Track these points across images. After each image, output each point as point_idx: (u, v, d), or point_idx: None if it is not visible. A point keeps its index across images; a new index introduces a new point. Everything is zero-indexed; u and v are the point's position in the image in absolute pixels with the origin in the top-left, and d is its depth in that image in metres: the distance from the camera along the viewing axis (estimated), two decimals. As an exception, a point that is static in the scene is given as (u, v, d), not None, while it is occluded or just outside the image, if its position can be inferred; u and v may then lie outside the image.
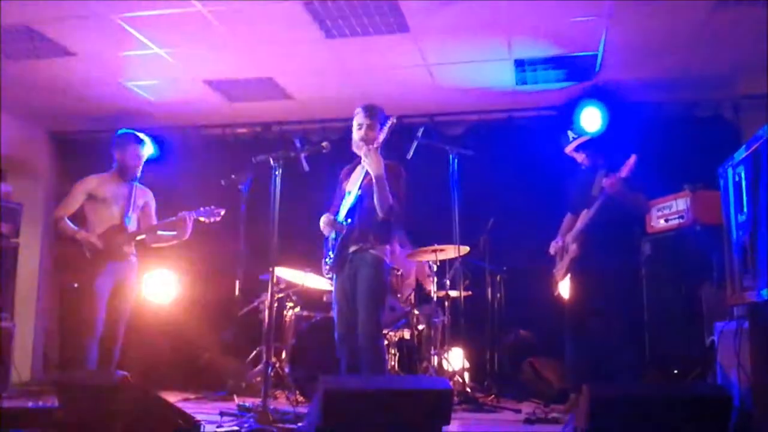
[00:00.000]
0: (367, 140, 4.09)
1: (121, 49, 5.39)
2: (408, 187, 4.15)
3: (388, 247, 4.10)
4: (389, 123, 4.04)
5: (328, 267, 4.16)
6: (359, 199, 4.04)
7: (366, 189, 4.03)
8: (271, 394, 4.92)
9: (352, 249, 4.03)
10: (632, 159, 4.33)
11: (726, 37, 5.09)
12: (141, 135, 4.90)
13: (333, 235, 4.14)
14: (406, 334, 5.54)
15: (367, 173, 4.03)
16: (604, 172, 4.47)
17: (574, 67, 5.68)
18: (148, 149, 4.95)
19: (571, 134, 4.88)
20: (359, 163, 4.20)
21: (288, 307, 5.78)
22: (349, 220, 4.02)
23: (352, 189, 4.12)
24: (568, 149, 4.85)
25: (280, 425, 3.62)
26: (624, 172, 4.32)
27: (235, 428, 3.56)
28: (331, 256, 4.11)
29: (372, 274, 3.96)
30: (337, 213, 4.18)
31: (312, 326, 5.33)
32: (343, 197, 4.22)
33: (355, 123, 4.19)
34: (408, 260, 5.94)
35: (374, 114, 4.14)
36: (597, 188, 4.49)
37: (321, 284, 5.72)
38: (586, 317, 4.55)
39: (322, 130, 6.95)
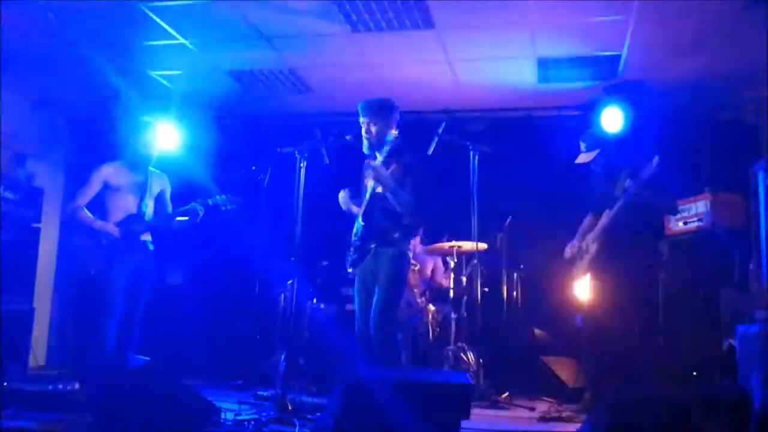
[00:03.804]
0: (372, 138, 4.09)
1: (146, 38, 5.41)
2: (428, 179, 4.13)
3: (410, 242, 4.11)
4: (393, 131, 4.03)
5: (350, 261, 4.18)
6: (379, 198, 4.04)
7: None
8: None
9: (374, 244, 4.05)
10: (655, 160, 4.32)
11: (751, 39, 5.06)
12: (156, 123, 4.93)
13: (354, 230, 4.16)
14: (421, 330, 5.56)
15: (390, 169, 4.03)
16: (627, 172, 4.47)
17: (598, 67, 5.66)
18: (164, 138, 4.97)
19: (582, 145, 4.86)
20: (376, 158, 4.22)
21: (304, 298, 5.80)
22: (363, 223, 4.04)
23: (370, 187, 4.12)
24: (579, 161, 4.83)
25: (299, 415, 3.64)
26: (647, 173, 4.31)
27: (255, 416, 3.59)
28: (352, 251, 4.13)
29: (393, 268, 3.99)
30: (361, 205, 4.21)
31: (329, 318, 5.36)
32: (365, 192, 4.23)
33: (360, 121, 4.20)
34: (425, 255, 5.95)
35: (374, 111, 4.12)
36: (619, 189, 4.48)
37: (339, 276, 5.74)
38: (604, 317, 4.54)
39: (341, 123, 6.95)
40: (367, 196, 4.08)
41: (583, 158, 4.76)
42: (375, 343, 3.95)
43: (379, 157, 4.18)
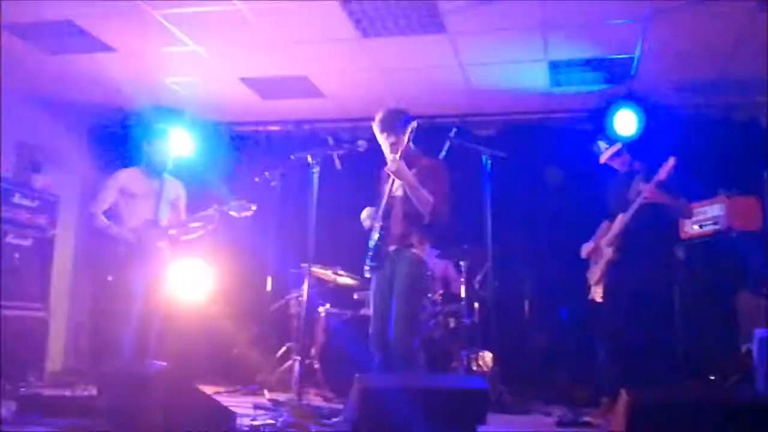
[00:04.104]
0: (392, 151, 4.09)
1: (160, 45, 5.45)
2: (448, 181, 4.12)
3: (428, 247, 4.10)
4: (410, 128, 3.99)
5: (367, 265, 4.18)
6: (398, 200, 4.03)
7: (406, 191, 4.04)
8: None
9: (392, 248, 4.05)
10: (671, 162, 4.30)
11: (764, 41, 5.04)
12: (170, 130, 4.96)
13: (375, 235, 4.16)
14: (435, 334, 5.55)
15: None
16: (641, 176, 4.45)
17: (610, 70, 5.65)
18: (177, 145, 5.00)
19: (602, 144, 4.84)
20: None
21: (318, 303, 5.82)
22: (381, 225, 4.03)
23: (390, 190, 4.12)
24: (602, 159, 4.82)
25: (315, 420, 3.65)
26: (662, 174, 4.30)
27: (270, 421, 3.60)
28: (370, 255, 4.13)
29: (411, 273, 3.97)
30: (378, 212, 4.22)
31: (342, 323, 5.36)
32: (384, 197, 4.23)
33: (376, 133, 4.17)
34: (437, 259, 5.95)
35: (393, 125, 4.06)
36: (634, 192, 4.47)
37: (351, 282, 5.75)
38: (620, 321, 4.52)
39: (352, 129, 6.98)
40: (385, 198, 4.07)
41: (608, 153, 4.74)
42: (394, 349, 3.95)
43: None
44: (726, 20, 4.75)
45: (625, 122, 5.58)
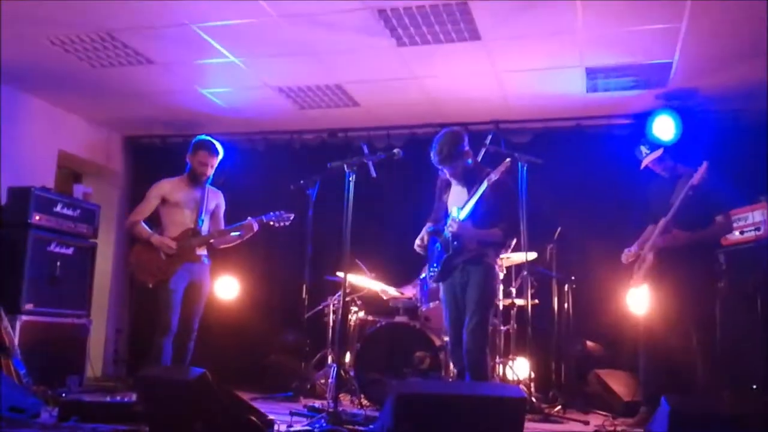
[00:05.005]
0: (456, 176, 4.23)
1: (198, 57, 5.54)
2: (515, 190, 4.26)
3: (499, 257, 4.15)
4: (465, 149, 4.16)
5: (434, 276, 4.22)
6: (471, 217, 4.06)
7: (477, 206, 4.06)
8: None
9: (462, 260, 4.11)
10: (704, 166, 4.23)
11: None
12: (213, 142, 5.03)
13: (438, 246, 4.19)
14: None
15: (475, 192, 4.07)
16: (685, 179, 4.38)
17: (648, 75, 5.57)
18: (219, 156, 5.06)
19: (644, 149, 4.78)
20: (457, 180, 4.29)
21: (353, 311, 5.84)
22: (453, 240, 4.08)
23: (458, 208, 4.15)
24: (644, 164, 4.76)
25: (351, 427, 3.65)
26: (696, 179, 4.23)
27: (307, 428, 3.61)
28: (435, 267, 4.19)
29: (484, 281, 4.07)
30: (437, 225, 4.27)
31: (377, 331, 5.36)
32: (445, 211, 4.27)
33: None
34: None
35: (447, 157, 4.13)
36: (676, 196, 4.39)
37: (387, 289, 5.76)
38: (661, 329, 4.45)
39: (386, 137, 7.01)
40: (462, 215, 4.10)
41: (650, 158, 4.67)
42: (469, 357, 4.03)
43: (460, 186, 4.27)
44: (766, 23, 4.65)
45: (664, 127, 5.53)
